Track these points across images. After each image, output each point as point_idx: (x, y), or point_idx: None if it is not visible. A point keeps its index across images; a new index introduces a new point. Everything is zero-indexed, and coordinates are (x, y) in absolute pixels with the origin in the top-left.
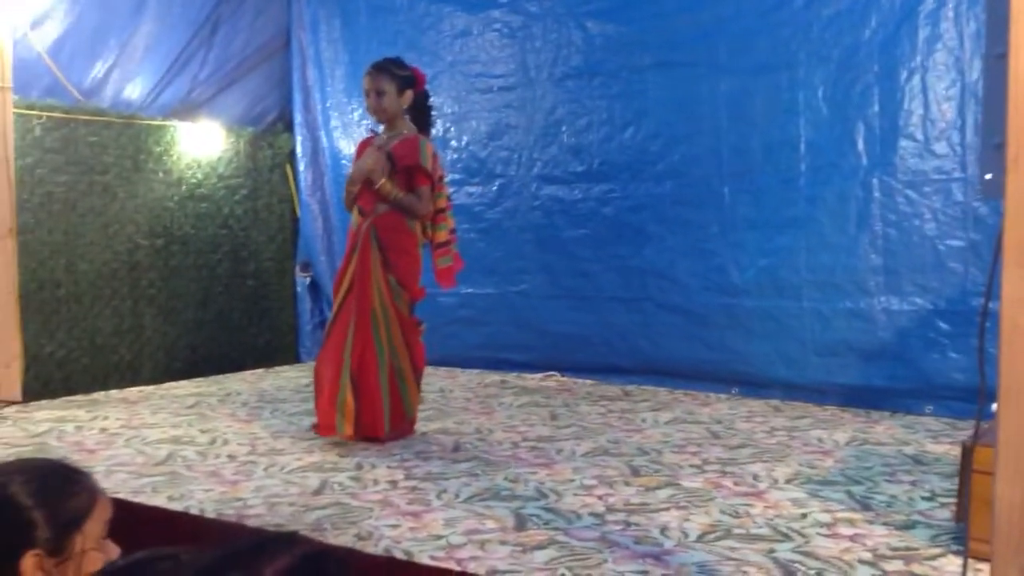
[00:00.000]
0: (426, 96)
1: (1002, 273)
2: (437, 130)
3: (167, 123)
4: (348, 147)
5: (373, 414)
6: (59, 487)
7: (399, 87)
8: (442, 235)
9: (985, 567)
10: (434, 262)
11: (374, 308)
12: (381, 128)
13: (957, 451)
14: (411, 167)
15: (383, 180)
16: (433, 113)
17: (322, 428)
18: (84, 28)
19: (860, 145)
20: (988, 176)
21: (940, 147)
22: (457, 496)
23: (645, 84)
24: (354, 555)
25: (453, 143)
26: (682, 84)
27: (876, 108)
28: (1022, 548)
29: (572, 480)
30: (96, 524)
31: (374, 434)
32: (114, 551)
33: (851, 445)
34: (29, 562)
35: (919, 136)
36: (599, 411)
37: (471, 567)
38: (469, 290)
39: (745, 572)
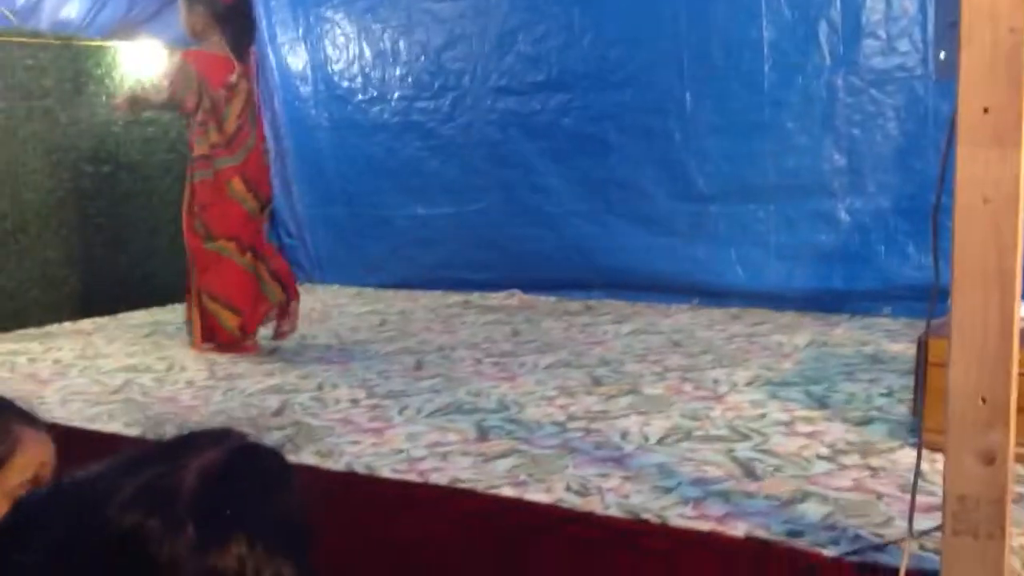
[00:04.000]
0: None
1: (956, 153)
2: (383, 43)
3: (107, 44)
4: (297, 64)
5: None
6: None
7: (189, 3)
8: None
9: (940, 457)
10: None
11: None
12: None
13: (915, 350)
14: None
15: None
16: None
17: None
18: None
19: (823, 45)
20: (942, 55)
21: (902, 44)
22: (419, 412)
23: None
24: (314, 472)
25: (403, 56)
26: None
27: (838, 6)
28: (976, 430)
29: (534, 392)
30: (15, 472)
31: None
32: None
33: (810, 347)
34: None
35: (881, 33)
36: (561, 326)
37: (433, 478)
38: (426, 211)
39: (704, 471)
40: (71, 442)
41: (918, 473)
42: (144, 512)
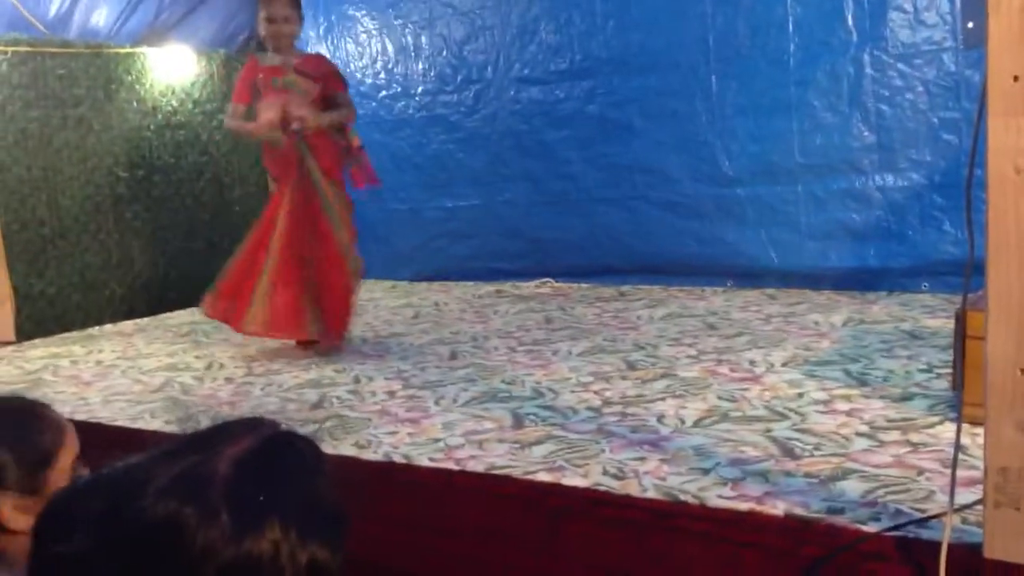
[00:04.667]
0: None
1: (987, 124)
2: (405, 38)
3: (136, 50)
4: None
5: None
6: (24, 426)
7: (300, 13)
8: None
9: (981, 431)
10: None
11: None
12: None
13: (953, 324)
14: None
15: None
16: None
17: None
18: None
19: (849, 21)
20: (970, 24)
21: (930, 16)
22: (455, 401)
23: None
24: (353, 462)
25: (425, 51)
26: None
27: None
28: (1015, 405)
29: (569, 378)
30: (67, 456)
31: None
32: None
33: (848, 326)
34: (7, 503)
35: (908, 7)
36: (594, 312)
37: (470, 466)
38: (454, 203)
39: (742, 452)
40: (114, 441)
41: (958, 447)
42: (179, 500)
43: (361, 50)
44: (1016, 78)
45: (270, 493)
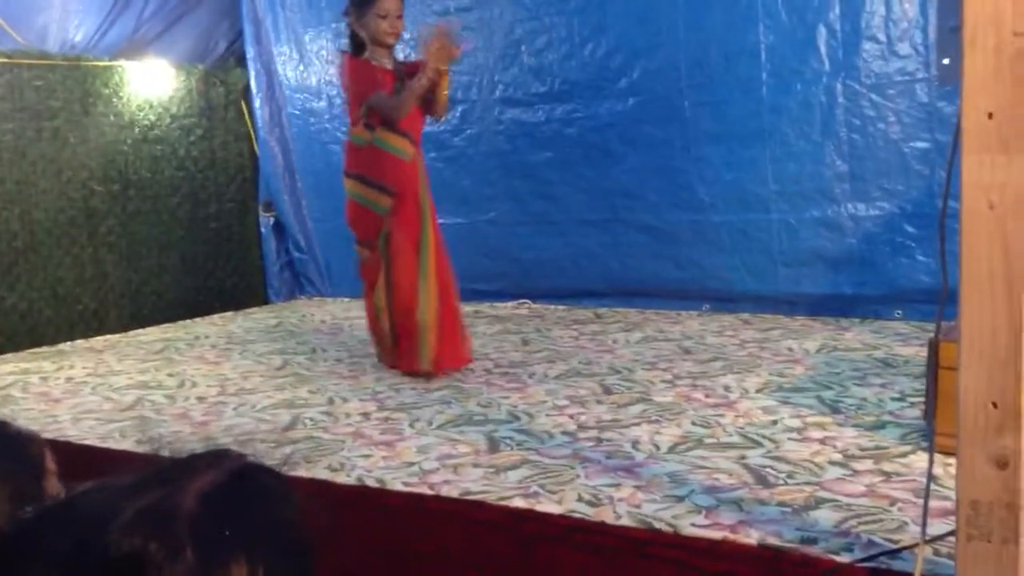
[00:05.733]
0: None
1: (961, 159)
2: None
3: (114, 63)
4: (305, 79)
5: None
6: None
7: None
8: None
9: (953, 461)
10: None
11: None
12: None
13: (926, 353)
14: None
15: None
16: None
17: (455, 361)
18: None
19: (822, 50)
20: (945, 61)
21: (903, 47)
22: (430, 424)
23: None
24: (326, 486)
25: None
26: None
27: (837, 10)
28: (987, 438)
29: (544, 401)
30: (51, 476)
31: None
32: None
33: (821, 352)
34: None
35: (881, 37)
36: (571, 334)
37: (444, 491)
38: (439, 221)
39: (716, 479)
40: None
41: (931, 478)
42: (144, 536)
43: None
44: (991, 115)
45: (236, 528)
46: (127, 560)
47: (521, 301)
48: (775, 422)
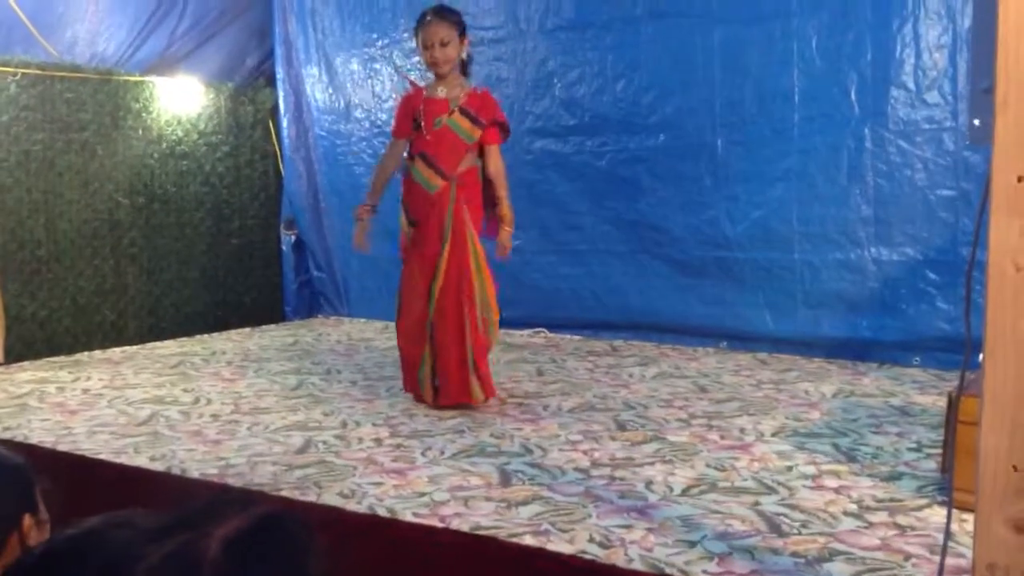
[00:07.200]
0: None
1: (990, 220)
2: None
3: (145, 79)
4: (333, 101)
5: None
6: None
7: (460, 34)
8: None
9: (970, 517)
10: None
11: (472, 270)
12: (426, 80)
13: (944, 402)
14: (499, 123)
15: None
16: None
17: (452, 397)
18: None
19: (852, 95)
20: (976, 122)
21: (932, 96)
22: (442, 453)
23: (638, 35)
24: (336, 513)
25: None
26: (675, 35)
27: (869, 57)
28: (1006, 499)
29: (558, 436)
30: (28, 517)
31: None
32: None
33: (838, 397)
34: None
35: (911, 85)
36: (586, 366)
37: (455, 524)
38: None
39: (729, 525)
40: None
41: (948, 536)
42: None
43: (381, 90)
44: (1020, 178)
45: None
46: None
47: (537, 330)
48: (790, 468)
